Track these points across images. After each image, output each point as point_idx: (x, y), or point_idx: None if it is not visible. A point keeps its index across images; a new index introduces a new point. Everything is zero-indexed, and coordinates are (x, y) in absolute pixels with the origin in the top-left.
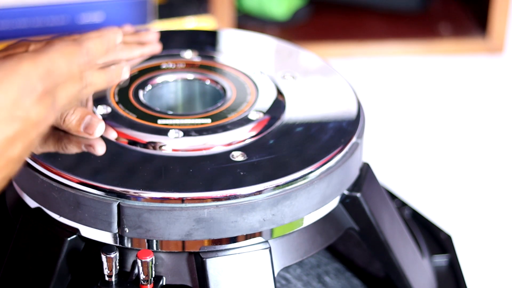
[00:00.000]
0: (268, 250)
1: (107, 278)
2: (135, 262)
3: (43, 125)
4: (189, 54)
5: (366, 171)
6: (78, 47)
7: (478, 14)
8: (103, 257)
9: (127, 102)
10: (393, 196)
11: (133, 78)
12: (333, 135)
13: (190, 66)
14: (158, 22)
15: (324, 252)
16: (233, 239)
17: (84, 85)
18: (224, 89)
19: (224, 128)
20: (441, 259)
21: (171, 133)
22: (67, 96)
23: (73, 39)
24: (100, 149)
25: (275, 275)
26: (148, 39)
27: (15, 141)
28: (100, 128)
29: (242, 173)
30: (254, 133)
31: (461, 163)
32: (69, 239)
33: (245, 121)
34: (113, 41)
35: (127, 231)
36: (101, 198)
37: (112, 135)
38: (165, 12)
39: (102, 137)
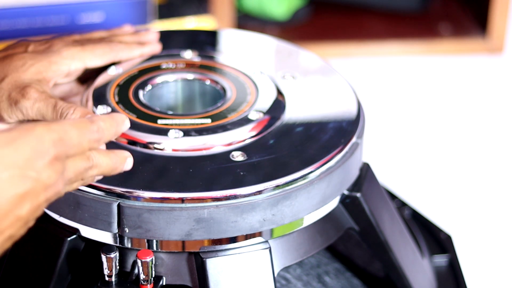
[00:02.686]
0: (268, 250)
1: (107, 278)
2: (135, 262)
3: (52, 191)
4: (189, 54)
5: (366, 171)
6: (89, 123)
7: (478, 14)
8: (103, 257)
9: (127, 102)
10: (393, 196)
11: (133, 78)
12: (333, 135)
13: (190, 66)
14: (158, 22)
15: (324, 252)
16: (233, 239)
17: (90, 165)
18: (224, 89)
19: (224, 128)
20: (441, 259)
21: (171, 133)
22: (75, 170)
23: (73, 39)
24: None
25: (275, 275)
26: (148, 39)
27: (24, 200)
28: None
29: (242, 173)
30: (254, 133)
31: (461, 163)
32: (69, 239)
33: (245, 121)
34: (122, 126)
35: (127, 231)
36: (101, 198)
37: None
38: (165, 12)
39: None
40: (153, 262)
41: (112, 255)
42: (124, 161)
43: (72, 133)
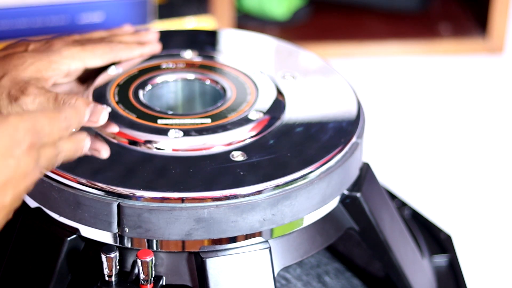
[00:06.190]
0: (268, 250)
1: (107, 278)
2: (135, 262)
3: (30, 179)
4: (189, 54)
5: (366, 171)
6: (57, 113)
7: (478, 14)
8: (103, 257)
9: (127, 102)
10: (393, 196)
11: (133, 78)
12: (333, 135)
13: (190, 66)
14: (158, 22)
15: (324, 252)
16: (233, 239)
17: (58, 152)
18: (224, 89)
19: (224, 128)
20: (441, 259)
21: (171, 133)
22: (47, 158)
23: (73, 40)
24: (101, 149)
25: (275, 275)
26: (148, 39)
27: (6, 188)
28: (104, 115)
29: (242, 173)
30: (254, 133)
31: (461, 163)
32: (69, 239)
33: (245, 121)
34: (83, 114)
35: (127, 231)
36: (101, 198)
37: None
38: (165, 12)
39: (102, 137)
40: (153, 262)
41: (112, 255)
42: (83, 143)
43: (43, 122)
